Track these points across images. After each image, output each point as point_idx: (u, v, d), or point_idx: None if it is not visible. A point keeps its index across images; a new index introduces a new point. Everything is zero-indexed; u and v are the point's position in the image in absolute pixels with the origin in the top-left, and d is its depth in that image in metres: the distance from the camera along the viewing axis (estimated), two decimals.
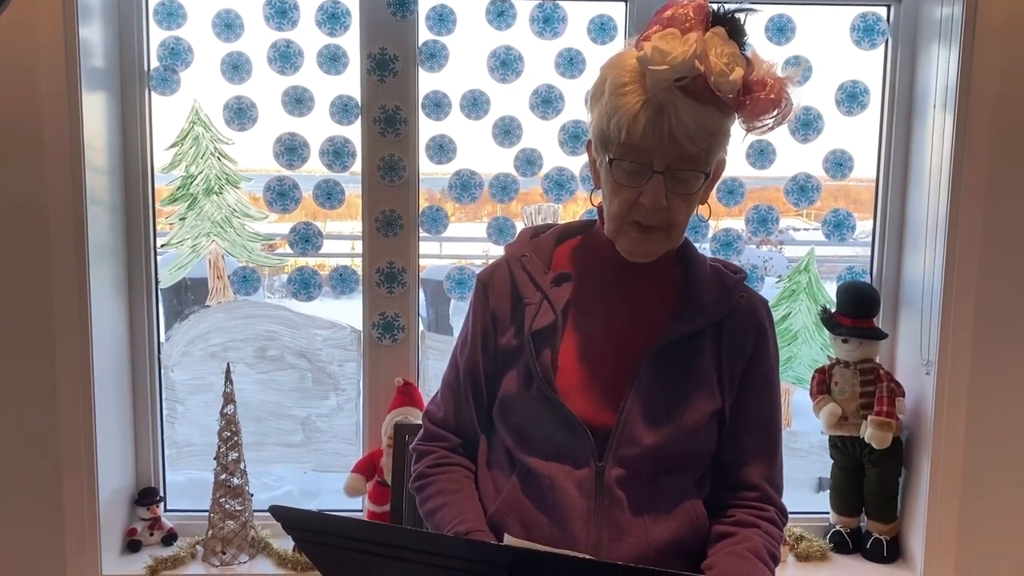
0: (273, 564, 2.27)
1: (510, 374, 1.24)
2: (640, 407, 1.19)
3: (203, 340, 2.40)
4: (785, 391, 2.49)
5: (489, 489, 1.28)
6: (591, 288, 1.27)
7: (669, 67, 1.09)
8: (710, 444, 1.24)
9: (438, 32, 2.28)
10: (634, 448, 1.19)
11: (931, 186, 2.23)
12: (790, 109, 1.16)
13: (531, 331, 1.22)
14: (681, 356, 1.22)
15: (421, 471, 1.30)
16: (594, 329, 1.24)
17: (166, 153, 2.32)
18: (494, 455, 1.29)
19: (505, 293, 1.28)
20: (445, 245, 2.50)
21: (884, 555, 2.33)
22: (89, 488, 2.17)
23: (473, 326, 1.30)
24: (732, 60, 1.12)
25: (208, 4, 2.26)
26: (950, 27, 2.15)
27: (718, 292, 1.25)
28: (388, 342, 2.35)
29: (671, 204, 1.15)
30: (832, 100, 2.34)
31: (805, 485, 2.72)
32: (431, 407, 1.36)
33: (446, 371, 1.35)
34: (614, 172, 1.17)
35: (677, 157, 1.14)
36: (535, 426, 1.22)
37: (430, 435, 1.34)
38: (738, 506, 1.25)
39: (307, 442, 2.44)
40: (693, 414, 1.20)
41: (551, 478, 1.19)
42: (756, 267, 2.43)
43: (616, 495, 1.18)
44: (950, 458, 2.23)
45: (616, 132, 1.14)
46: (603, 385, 1.22)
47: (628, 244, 1.20)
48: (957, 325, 2.19)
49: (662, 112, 1.12)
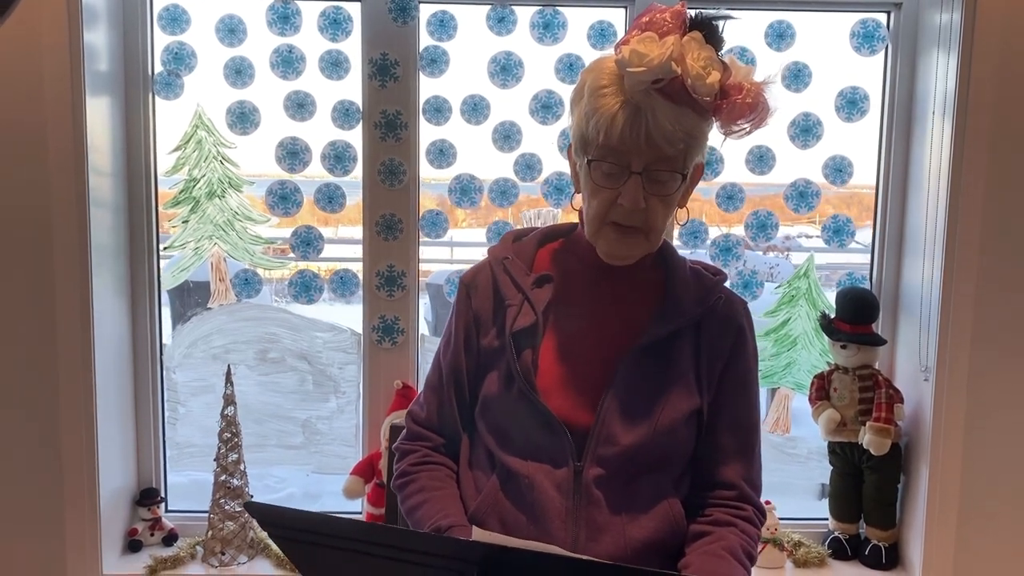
0: (272, 565, 2.29)
1: (491, 375, 1.26)
2: (618, 407, 1.21)
3: (205, 342, 2.42)
4: (784, 396, 2.49)
5: (470, 488, 1.29)
6: (572, 290, 1.28)
7: (646, 69, 1.12)
8: (688, 443, 1.25)
9: (439, 38, 2.30)
10: (612, 448, 1.20)
11: (930, 193, 2.23)
12: (767, 113, 1.17)
13: (512, 331, 1.24)
14: (660, 356, 1.24)
15: (403, 469, 1.32)
16: (574, 330, 1.26)
17: (169, 157, 2.35)
18: (475, 455, 1.30)
19: (487, 294, 1.30)
20: (455, 250, 2.53)
21: (883, 562, 2.32)
22: (90, 488, 2.19)
23: (456, 327, 1.32)
24: (709, 64, 1.14)
25: (212, 9, 2.29)
26: (949, 34, 2.16)
27: (697, 293, 1.27)
28: (388, 345, 2.37)
29: (649, 205, 1.17)
30: (832, 106, 2.35)
31: (805, 491, 2.72)
32: (414, 407, 1.38)
33: (429, 372, 1.36)
34: (593, 173, 1.19)
35: (655, 158, 1.16)
36: (515, 426, 1.23)
37: (413, 435, 1.36)
38: (715, 505, 1.26)
39: (307, 444, 2.46)
40: (671, 413, 1.22)
41: (530, 478, 1.21)
42: (756, 272, 2.43)
43: (594, 495, 1.20)
44: (949, 465, 2.22)
45: (595, 134, 1.16)
46: (583, 385, 1.23)
47: (607, 246, 1.22)
48: (956, 332, 2.18)
49: (639, 113, 1.14)
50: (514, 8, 2.28)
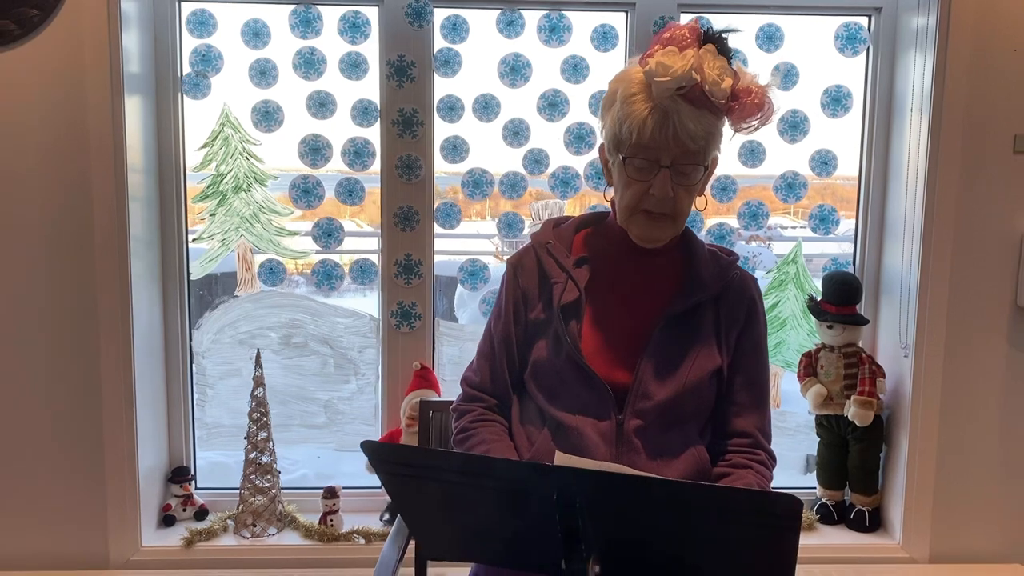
0: (300, 536, 2.44)
1: (540, 343, 1.43)
2: (652, 367, 1.38)
3: (232, 328, 2.56)
4: (774, 374, 2.67)
5: (523, 441, 1.46)
6: (606, 269, 1.46)
7: (672, 78, 1.29)
8: (711, 398, 1.44)
9: (452, 40, 2.45)
10: (648, 402, 1.38)
11: (908, 183, 2.41)
12: (772, 112, 1.36)
13: (560, 305, 1.41)
14: (686, 325, 1.42)
15: (463, 426, 1.49)
16: (611, 303, 1.44)
17: (198, 153, 2.48)
18: (526, 412, 1.48)
19: (533, 274, 1.47)
20: (454, 242, 2.68)
21: (867, 525, 2.51)
22: (130, 467, 2.33)
23: (506, 302, 1.49)
24: (723, 72, 1.32)
25: (237, 14, 2.43)
26: (926, 36, 2.33)
27: (715, 271, 1.45)
28: (405, 329, 2.52)
29: (676, 194, 1.35)
30: (817, 103, 2.52)
31: (793, 464, 2.89)
32: (468, 374, 1.55)
33: (481, 343, 1.54)
34: (627, 169, 1.36)
35: (680, 154, 1.33)
36: (563, 386, 1.40)
37: (469, 397, 1.53)
38: (734, 451, 1.44)
39: (329, 423, 2.60)
40: (697, 372, 1.40)
41: (578, 429, 1.38)
42: (747, 258, 2.60)
43: (634, 443, 1.37)
44: (926, 434, 2.41)
45: (628, 135, 1.33)
46: (620, 350, 1.41)
47: (640, 230, 1.39)
48: (932, 312, 2.37)
49: (667, 116, 1.31)
50: (522, 12, 2.43)
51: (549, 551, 1.05)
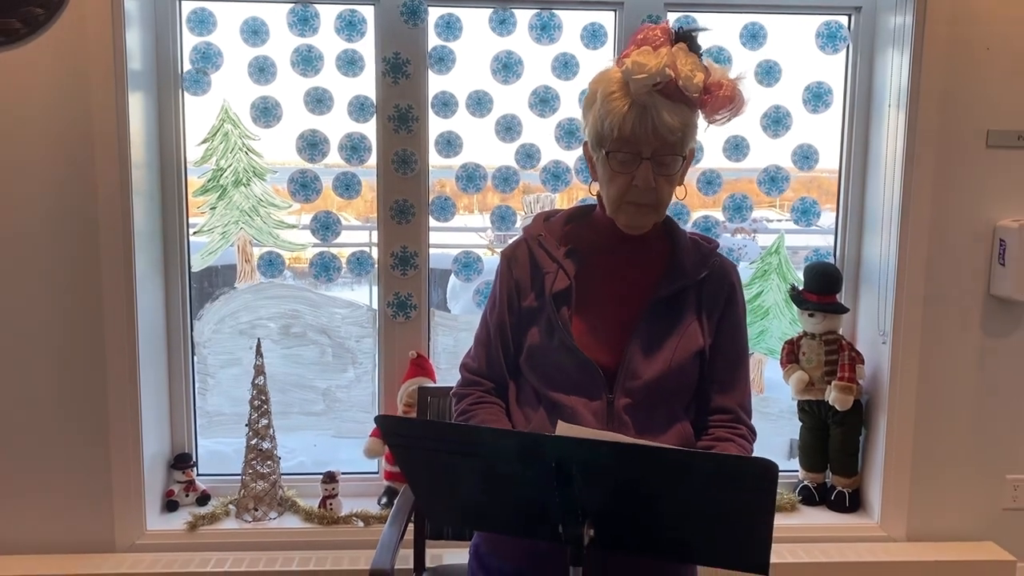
0: (300, 520, 2.51)
1: (533, 329, 1.52)
2: (640, 349, 1.47)
3: (232, 319, 2.63)
4: (757, 361, 2.76)
5: (520, 421, 1.54)
6: (594, 259, 1.55)
7: (648, 75, 1.38)
8: (695, 377, 1.53)
9: (446, 38, 2.52)
10: (636, 381, 1.46)
11: (886, 176, 2.50)
12: (742, 103, 1.45)
13: (551, 293, 1.50)
14: (670, 309, 1.51)
15: (463, 408, 1.57)
16: (599, 290, 1.52)
17: (198, 148, 2.54)
18: (522, 395, 1.56)
19: (525, 265, 1.56)
20: (447, 235, 2.76)
21: (847, 505, 2.61)
22: (135, 454, 2.39)
23: (500, 292, 1.57)
24: (694, 67, 1.41)
25: (236, 12, 2.49)
26: (903, 35, 2.42)
27: (697, 258, 1.54)
28: (401, 319, 2.59)
29: (657, 184, 1.44)
30: (799, 99, 2.60)
31: (777, 449, 2.99)
32: (466, 360, 1.63)
33: (478, 331, 1.62)
34: (611, 162, 1.45)
35: (660, 146, 1.42)
36: (557, 369, 1.49)
37: (467, 382, 1.61)
38: (716, 426, 1.53)
39: (328, 411, 2.68)
40: (682, 353, 1.48)
41: (572, 408, 1.47)
42: (732, 250, 2.69)
43: (624, 419, 1.46)
44: (904, 418, 2.50)
45: (609, 130, 1.42)
46: (609, 334, 1.49)
47: (627, 219, 1.48)
48: (909, 300, 2.46)
49: (645, 111, 1.40)
50: (514, 11, 2.50)
51: (548, 517, 1.13)
